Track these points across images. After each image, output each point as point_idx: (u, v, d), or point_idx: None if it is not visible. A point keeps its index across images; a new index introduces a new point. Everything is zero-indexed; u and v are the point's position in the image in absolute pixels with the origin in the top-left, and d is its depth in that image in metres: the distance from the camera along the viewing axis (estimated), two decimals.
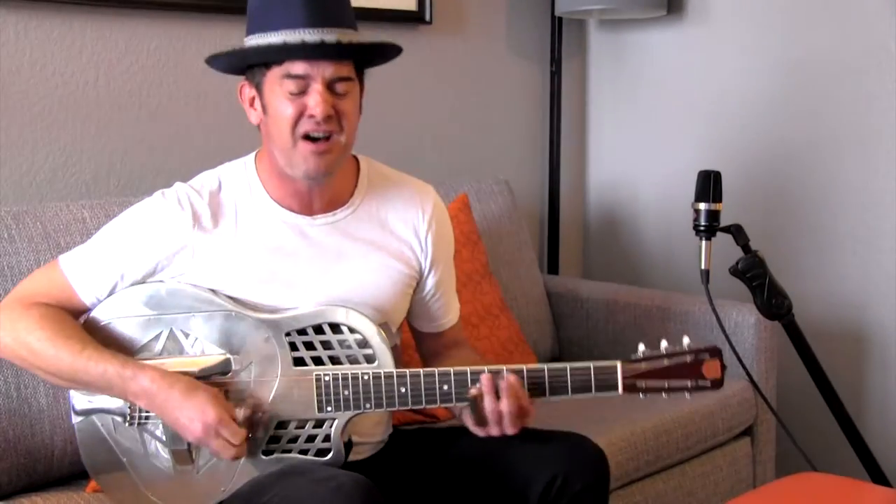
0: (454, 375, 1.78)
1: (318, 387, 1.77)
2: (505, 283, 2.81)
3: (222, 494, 1.79)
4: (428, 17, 3.02)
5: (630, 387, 1.79)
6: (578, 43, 3.47)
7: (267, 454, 1.78)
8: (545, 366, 1.80)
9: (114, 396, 1.77)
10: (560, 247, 3.39)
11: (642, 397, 1.81)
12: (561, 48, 3.35)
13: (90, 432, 1.83)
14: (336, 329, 1.78)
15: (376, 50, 1.83)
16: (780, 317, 2.08)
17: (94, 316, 1.82)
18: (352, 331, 1.78)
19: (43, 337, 1.74)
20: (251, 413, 1.75)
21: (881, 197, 2.90)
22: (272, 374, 1.78)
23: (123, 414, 1.80)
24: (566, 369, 1.79)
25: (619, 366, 1.79)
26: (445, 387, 1.78)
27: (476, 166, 3.21)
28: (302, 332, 1.78)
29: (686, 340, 1.82)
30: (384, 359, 1.78)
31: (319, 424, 1.78)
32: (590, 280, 3.34)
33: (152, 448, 1.81)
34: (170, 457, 1.79)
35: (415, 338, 2.06)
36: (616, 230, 3.48)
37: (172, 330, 1.80)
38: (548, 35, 3.36)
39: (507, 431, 1.78)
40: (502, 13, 3.28)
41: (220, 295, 1.80)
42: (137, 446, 1.81)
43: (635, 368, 1.79)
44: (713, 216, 2.03)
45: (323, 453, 1.77)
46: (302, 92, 1.73)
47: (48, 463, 2.02)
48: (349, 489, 1.62)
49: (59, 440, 2.02)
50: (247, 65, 1.80)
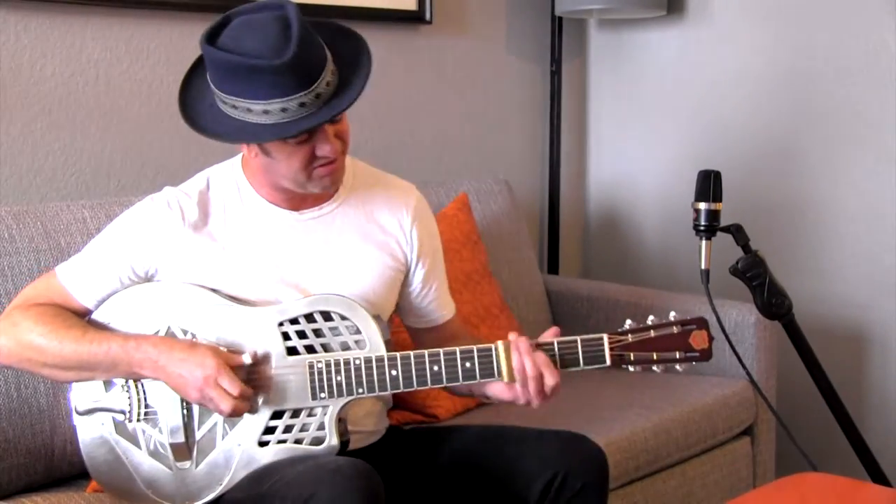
0: (444, 356, 1.79)
1: (311, 374, 1.79)
2: (505, 283, 2.81)
3: (221, 488, 1.81)
4: (428, 17, 3.02)
5: (618, 358, 1.80)
6: (578, 43, 3.47)
7: (262, 445, 1.80)
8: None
9: (120, 375, 1.80)
10: (560, 246, 3.39)
11: (632, 370, 1.81)
12: (561, 48, 3.35)
13: (91, 433, 1.85)
14: (327, 317, 1.81)
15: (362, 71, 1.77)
16: (780, 316, 2.07)
17: (93, 317, 1.84)
18: (342, 318, 1.80)
19: (44, 332, 1.77)
20: (251, 365, 1.77)
21: (881, 196, 2.90)
22: (267, 365, 1.80)
23: (123, 412, 1.82)
24: (553, 343, 1.81)
25: (606, 338, 1.80)
26: (436, 367, 1.79)
27: (476, 166, 3.21)
28: (294, 322, 1.81)
29: (672, 313, 1.84)
30: (375, 344, 1.80)
31: (314, 413, 1.80)
32: (590, 280, 3.34)
33: (151, 446, 1.82)
34: (168, 453, 1.81)
35: (412, 338, 2.07)
36: (616, 230, 3.48)
37: (170, 327, 1.82)
38: (548, 35, 3.36)
39: (535, 399, 1.78)
40: (502, 13, 3.28)
41: (214, 291, 1.83)
42: (137, 445, 1.83)
43: (622, 340, 1.80)
44: (713, 216, 2.03)
45: (318, 441, 1.79)
46: (308, 138, 1.72)
47: (48, 463, 2.02)
48: (348, 472, 1.65)
49: (60, 440, 2.02)
50: None
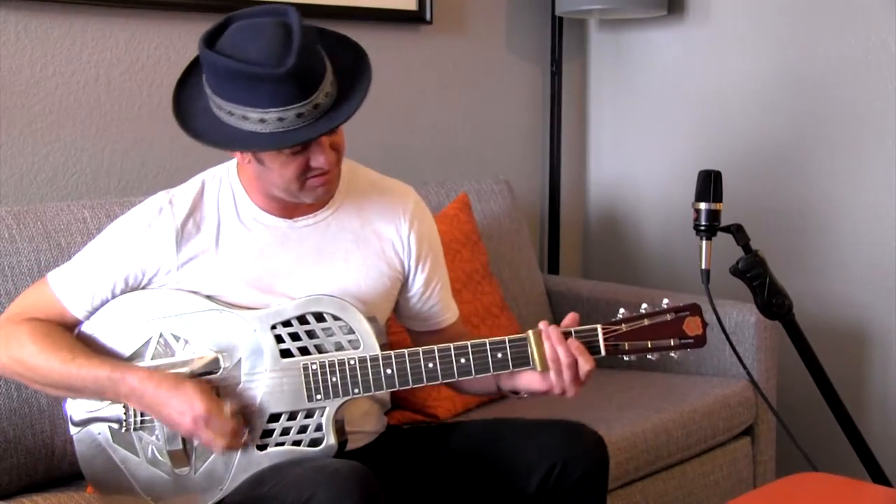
0: (438, 352, 1.79)
1: (306, 376, 1.78)
2: (505, 283, 2.81)
3: (220, 493, 1.80)
4: (428, 17, 3.02)
5: (612, 348, 1.80)
6: (579, 43, 3.47)
7: (261, 448, 1.79)
8: (529, 332, 1.80)
9: (107, 400, 1.80)
10: (560, 246, 3.39)
11: (627, 359, 1.81)
12: (561, 48, 3.35)
13: (88, 442, 1.84)
14: (319, 318, 1.80)
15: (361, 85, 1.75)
16: (781, 316, 2.07)
17: (85, 326, 1.84)
18: (335, 318, 1.80)
19: (34, 351, 1.77)
20: (239, 406, 1.77)
21: (881, 196, 2.90)
22: (261, 369, 1.80)
23: (119, 420, 1.81)
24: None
25: (600, 328, 1.80)
26: (430, 364, 1.79)
27: (476, 166, 3.21)
28: (287, 324, 1.80)
29: (665, 300, 1.84)
30: (370, 343, 1.79)
31: (310, 414, 1.79)
32: (590, 280, 3.34)
33: (149, 454, 1.82)
34: (167, 460, 1.81)
35: (413, 342, 2.04)
36: (616, 230, 3.48)
37: (162, 334, 1.81)
38: (548, 35, 3.36)
39: (571, 388, 1.79)
40: (503, 13, 3.28)
41: (207, 297, 1.82)
42: (135, 453, 1.83)
43: (616, 330, 1.80)
44: (713, 216, 2.03)
45: (316, 443, 1.79)
46: (302, 149, 1.71)
47: (48, 462, 2.02)
48: (346, 474, 1.65)
49: (60, 440, 2.02)
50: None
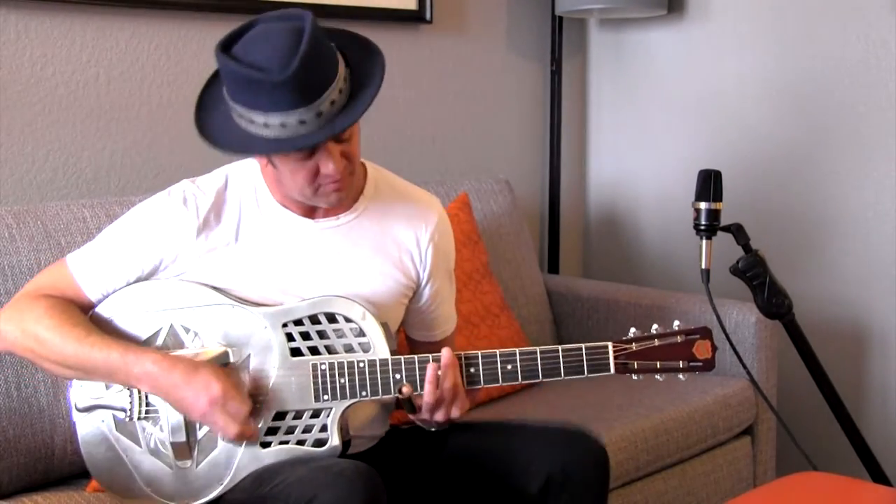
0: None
1: (315, 375, 1.79)
2: (505, 283, 2.81)
3: (221, 488, 1.81)
4: (428, 17, 3.02)
5: (622, 367, 1.83)
6: (579, 42, 3.47)
7: (264, 446, 1.80)
8: (537, 348, 1.82)
9: (117, 383, 1.79)
10: (560, 246, 3.39)
11: (635, 378, 1.84)
12: (561, 47, 3.35)
13: (90, 430, 1.84)
14: (332, 318, 1.81)
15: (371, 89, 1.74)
16: (781, 316, 2.07)
17: (97, 312, 1.83)
18: (347, 320, 1.80)
19: (50, 326, 1.76)
20: (253, 388, 1.78)
21: (881, 196, 2.90)
22: (270, 365, 1.80)
23: (123, 409, 1.81)
24: (558, 351, 1.82)
25: (611, 346, 1.83)
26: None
27: (476, 165, 3.21)
28: (298, 323, 1.81)
29: (676, 323, 1.86)
30: (380, 347, 1.80)
31: (316, 414, 1.80)
32: (590, 279, 3.33)
33: (152, 444, 1.82)
34: (169, 451, 1.81)
35: (409, 347, 2.07)
36: (616, 229, 3.48)
37: (172, 325, 1.82)
38: (548, 34, 3.36)
39: (441, 417, 1.81)
40: (503, 12, 3.28)
41: (220, 290, 1.83)
42: (137, 443, 1.82)
43: (626, 348, 1.83)
44: (713, 215, 2.03)
45: (320, 443, 1.79)
46: (311, 155, 1.72)
47: (48, 462, 2.02)
48: (351, 474, 1.65)
49: (60, 439, 2.02)
50: None
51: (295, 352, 1.80)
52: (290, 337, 1.80)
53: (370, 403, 1.87)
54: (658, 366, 1.83)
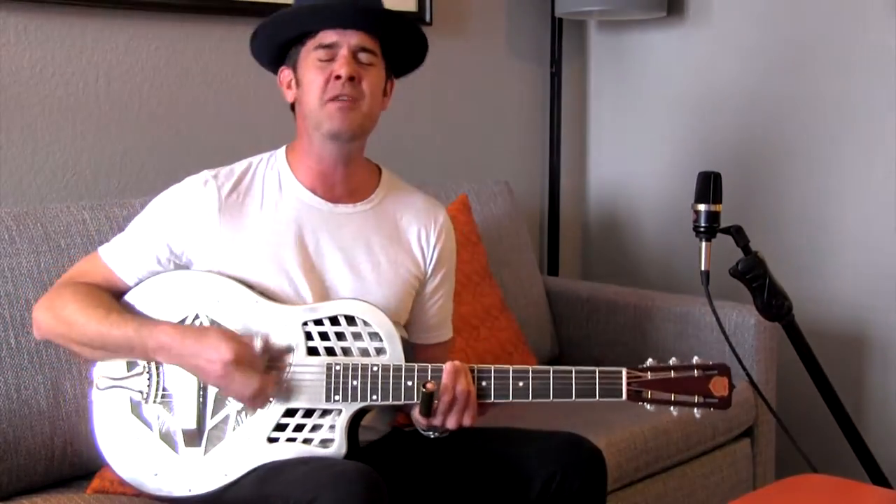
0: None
1: (329, 375, 1.81)
2: (505, 284, 2.81)
3: (225, 479, 1.82)
4: (428, 18, 3.02)
5: (634, 394, 1.80)
6: (578, 44, 3.47)
7: (272, 441, 1.81)
8: (551, 368, 1.82)
9: (137, 358, 1.84)
10: (560, 248, 3.39)
11: (649, 408, 1.82)
12: (561, 49, 3.35)
13: (105, 410, 1.87)
14: (351, 321, 1.83)
15: (398, 24, 1.93)
16: (780, 318, 2.07)
17: (126, 300, 1.88)
18: (366, 324, 1.83)
19: (75, 309, 1.82)
20: (266, 345, 1.79)
21: (881, 197, 2.90)
22: (286, 361, 1.82)
23: (141, 391, 1.85)
24: (571, 372, 1.81)
25: (625, 372, 1.81)
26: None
27: (476, 167, 3.21)
28: (318, 323, 1.84)
29: (696, 358, 1.84)
30: (396, 353, 1.82)
31: (326, 414, 1.81)
32: (590, 281, 3.34)
33: (163, 429, 1.85)
34: (180, 438, 1.83)
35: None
36: (616, 231, 3.48)
37: (198, 315, 1.85)
38: (548, 36, 3.36)
39: (452, 423, 1.80)
40: (502, 14, 3.28)
41: (245, 283, 1.86)
42: (150, 427, 1.85)
43: (640, 377, 1.81)
44: (713, 217, 2.03)
45: (327, 444, 1.80)
46: (331, 60, 1.86)
47: (48, 464, 2.02)
48: (351, 476, 1.67)
49: (60, 441, 2.02)
50: (285, 46, 1.93)
51: (312, 351, 1.83)
52: (309, 336, 1.83)
53: None
54: (672, 398, 1.81)
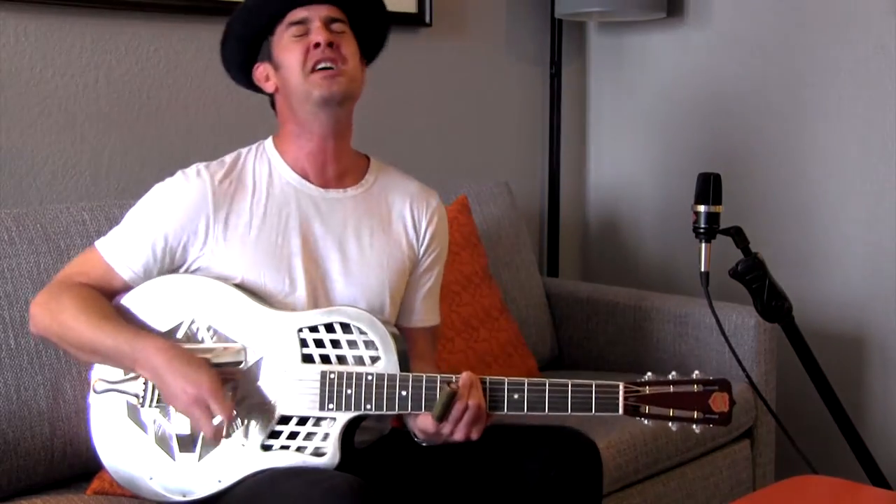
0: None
1: (323, 383, 1.79)
2: (504, 286, 2.81)
3: (219, 485, 1.81)
4: (428, 20, 3.02)
5: (632, 409, 1.77)
6: (578, 45, 3.47)
7: (266, 449, 1.80)
8: (546, 381, 1.79)
9: (126, 369, 1.83)
10: (560, 249, 3.39)
11: (646, 423, 1.78)
12: (561, 50, 3.35)
13: (102, 413, 1.87)
14: (346, 328, 1.82)
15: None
16: (780, 319, 2.07)
17: (122, 304, 1.88)
18: (361, 332, 1.82)
19: (73, 313, 1.81)
20: (242, 397, 1.79)
21: (881, 198, 2.90)
22: (280, 369, 1.81)
23: (137, 395, 1.84)
24: (567, 386, 1.78)
25: (622, 387, 1.77)
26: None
27: (476, 168, 3.21)
28: (313, 329, 1.82)
29: (696, 372, 1.81)
30: (390, 362, 1.80)
31: (320, 423, 1.80)
32: (589, 282, 3.33)
33: (159, 433, 1.84)
34: (174, 443, 1.83)
35: None
36: (616, 232, 3.48)
37: (194, 320, 1.85)
38: (547, 37, 3.36)
39: (461, 434, 1.77)
40: (502, 15, 3.28)
41: (241, 288, 1.86)
42: (145, 431, 1.85)
43: (638, 391, 1.77)
44: (713, 218, 2.03)
45: (320, 453, 1.79)
46: (305, 34, 1.88)
47: (48, 465, 2.02)
48: (343, 490, 1.64)
49: (59, 442, 2.02)
50: (253, 45, 1.94)
51: (306, 358, 1.82)
52: (304, 343, 1.82)
53: None
54: (671, 413, 1.76)
